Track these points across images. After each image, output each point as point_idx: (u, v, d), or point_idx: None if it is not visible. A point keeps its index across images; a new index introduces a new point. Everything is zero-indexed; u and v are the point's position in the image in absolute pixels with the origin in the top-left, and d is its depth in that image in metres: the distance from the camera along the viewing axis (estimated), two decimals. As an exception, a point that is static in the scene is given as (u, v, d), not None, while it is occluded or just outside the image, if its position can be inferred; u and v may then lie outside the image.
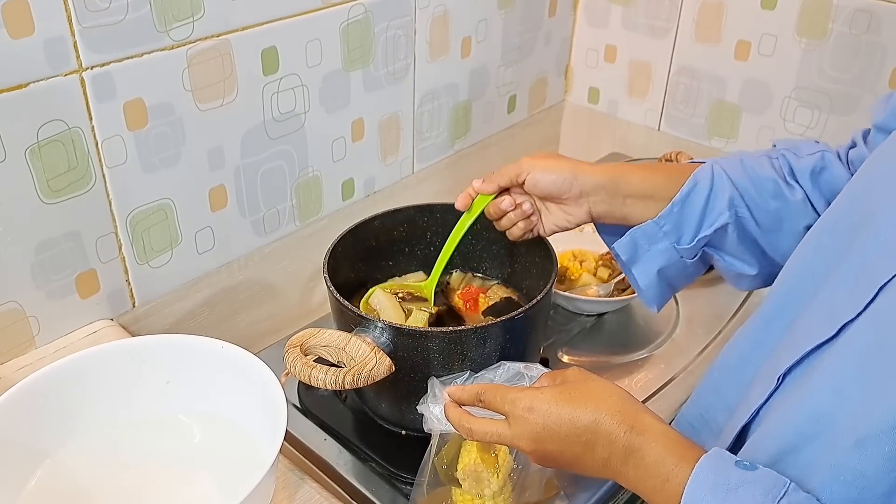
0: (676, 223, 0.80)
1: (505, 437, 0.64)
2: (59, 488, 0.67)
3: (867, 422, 0.50)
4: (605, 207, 0.81)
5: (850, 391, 0.52)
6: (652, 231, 0.80)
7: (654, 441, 0.58)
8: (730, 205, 0.78)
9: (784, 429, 0.56)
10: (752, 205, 0.79)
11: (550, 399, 0.62)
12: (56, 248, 0.82)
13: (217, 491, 0.69)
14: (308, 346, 0.75)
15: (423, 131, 1.21)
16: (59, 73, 0.76)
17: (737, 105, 1.28)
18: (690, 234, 0.80)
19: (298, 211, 1.07)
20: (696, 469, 0.55)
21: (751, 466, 0.54)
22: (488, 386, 0.67)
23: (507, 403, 0.64)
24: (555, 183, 0.81)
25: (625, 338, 1.07)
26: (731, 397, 0.69)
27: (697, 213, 0.79)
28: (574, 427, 0.61)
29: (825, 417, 0.53)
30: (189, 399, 0.74)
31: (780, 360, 0.61)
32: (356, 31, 1.02)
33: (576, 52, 1.46)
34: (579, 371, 0.66)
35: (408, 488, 0.83)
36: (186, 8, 0.83)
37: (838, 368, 0.54)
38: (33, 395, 0.68)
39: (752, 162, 0.80)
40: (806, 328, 0.60)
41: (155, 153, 0.86)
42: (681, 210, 0.79)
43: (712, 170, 0.80)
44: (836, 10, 1.12)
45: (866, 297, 0.54)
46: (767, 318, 0.69)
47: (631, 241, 0.82)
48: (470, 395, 0.68)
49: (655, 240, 0.81)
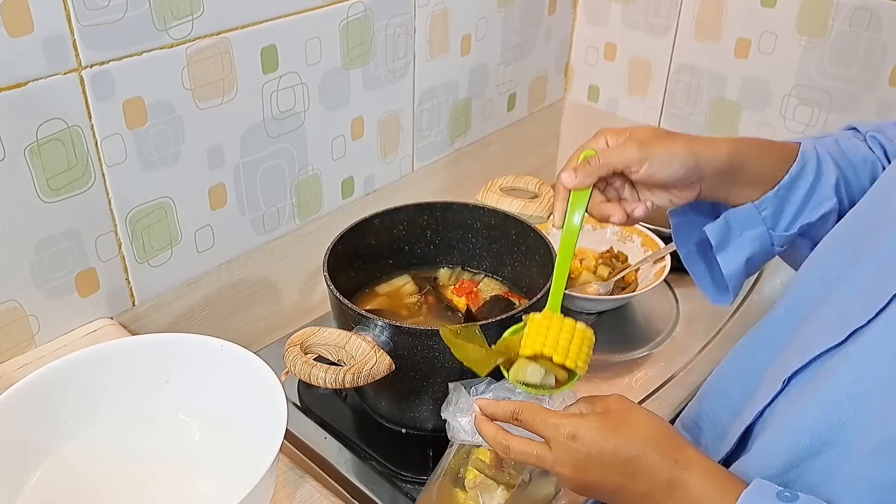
0: (777, 207, 0.73)
1: (545, 461, 0.62)
2: (59, 487, 0.67)
3: (884, 431, 0.50)
4: (715, 192, 0.73)
5: (868, 400, 0.52)
6: (750, 215, 0.73)
7: (697, 475, 0.57)
8: (836, 189, 0.73)
9: (799, 434, 0.55)
10: (851, 187, 0.74)
11: (595, 427, 0.60)
12: (55, 247, 0.82)
13: (217, 490, 0.69)
14: (308, 344, 0.75)
15: (423, 129, 1.21)
16: (58, 72, 0.76)
17: (736, 103, 1.28)
18: (789, 219, 0.73)
19: (298, 209, 1.06)
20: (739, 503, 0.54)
21: (792, 497, 0.53)
22: (525, 405, 0.64)
23: (549, 428, 0.62)
24: (677, 174, 0.70)
25: (625, 336, 1.07)
26: (737, 396, 0.69)
27: (801, 198, 0.72)
28: (617, 458, 0.59)
29: (843, 425, 0.53)
30: (189, 398, 0.74)
31: (787, 362, 0.61)
32: (356, 29, 1.02)
33: (575, 50, 1.46)
34: (621, 399, 0.64)
35: (408, 486, 0.83)
36: (186, 6, 0.82)
37: (857, 376, 0.53)
38: (33, 393, 0.67)
39: (848, 144, 0.76)
40: (815, 332, 0.60)
41: (154, 152, 0.86)
42: (786, 194, 0.72)
43: (816, 150, 0.73)
44: (837, 8, 1.12)
45: (878, 304, 0.54)
46: (776, 320, 0.69)
47: (724, 225, 0.74)
48: (505, 413, 0.65)
49: (752, 225, 0.73)
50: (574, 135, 1.52)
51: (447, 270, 1.02)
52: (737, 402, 0.68)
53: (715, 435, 0.70)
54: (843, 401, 0.53)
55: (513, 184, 0.99)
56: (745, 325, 1.07)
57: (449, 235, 1.00)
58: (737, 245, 0.75)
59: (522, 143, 1.44)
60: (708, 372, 0.99)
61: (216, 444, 0.73)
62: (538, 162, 1.51)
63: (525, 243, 0.95)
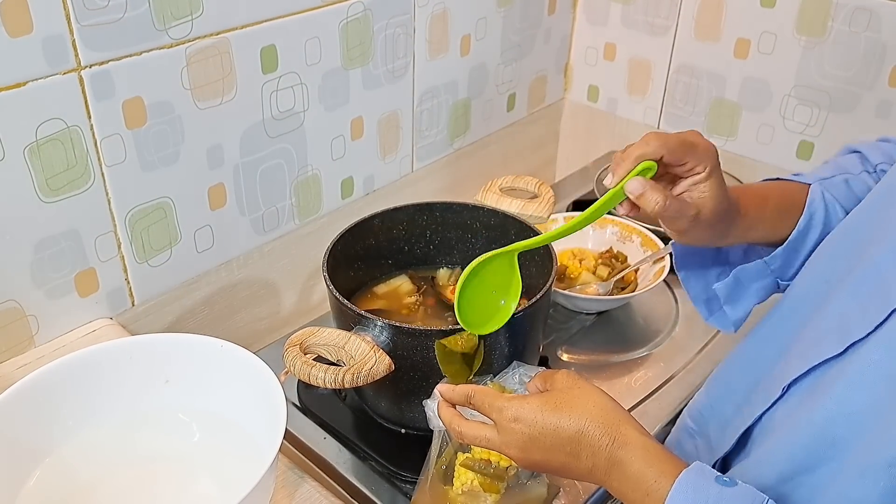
0: (786, 260, 0.75)
1: (493, 443, 0.64)
2: (58, 487, 0.67)
3: (873, 453, 0.50)
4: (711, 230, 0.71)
5: (861, 420, 0.52)
6: (759, 270, 0.75)
7: (634, 454, 0.58)
8: None
9: (794, 448, 0.56)
10: None
11: (535, 409, 0.62)
12: (55, 247, 0.82)
13: (217, 489, 0.69)
14: (307, 344, 0.75)
15: (423, 129, 1.21)
16: (57, 72, 0.76)
17: (736, 103, 1.28)
18: (797, 267, 0.75)
19: (298, 209, 1.06)
20: (675, 484, 0.55)
21: (730, 483, 0.54)
22: (478, 389, 0.67)
23: (495, 411, 0.64)
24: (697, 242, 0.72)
25: (624, 336, 1.07)
26: (740, 393, 0.70)
27: (809, 249, 0.74)
28: (558, 438, 0.60)
29: (836, 443, 0.53)
30: (188, 398, 0.74)
31: (787, 368, 0.61)
32: (355, 29, 1.02)
33: (575, 50, 1.46)
34: (567, 377, 0.65)
35: (407, 486, 0.83)
36: (185, 6, 0.82)
37: (851, 395, 0.53)
38: (33, 393, 0.67)
39: (858, 183, 0.75)
40: (815, 338, 0.60)
41: (154, 152, 0.86)
42: (793, 249, 0.74)
43: (825, 200, 0.74)
44: (836, 8, 1.12)
45: (878, 317, 0.54)
46: (778, 318, 0.69)
47: (734, 282, 0.76)
48: (460, 396, 0.68)
49: (761, 278, 0.76)
50: (574, 135, 1.52)
51: (446, 270, 1.02)
52: (740, 399, 0.69)
53: (718, 428, 0.71)
54: (837, 419, 0.54)
55: (512, 184, 0.99)
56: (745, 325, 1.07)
57: (448, 235, 1.00)
58: (747, 297, 0.77)
59: (522, 144, 1.44)
60: (708, 372, 0.99)
61: (216, 444, 0.73)
62: (538, 162, 1.51)
63: (525, 243, 0.95)
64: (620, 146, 1.54)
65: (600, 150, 1.48)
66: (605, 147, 1.48)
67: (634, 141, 0.68)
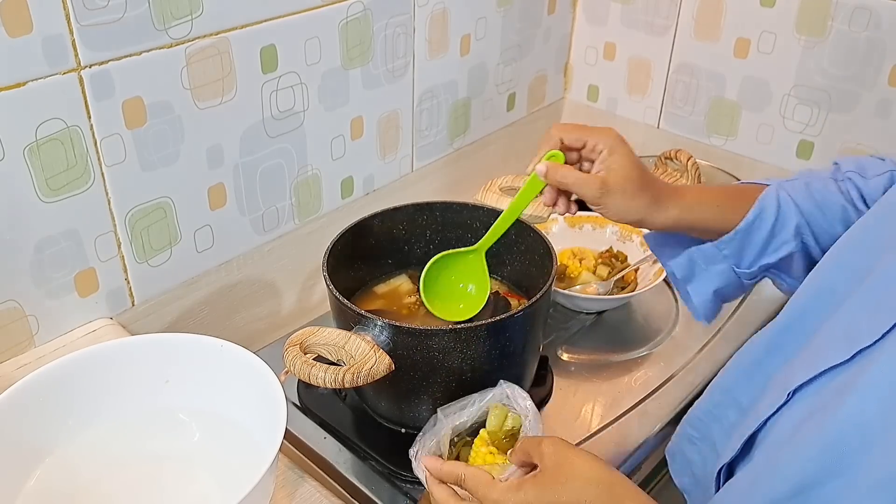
0: (738, 248, 0.78)
1: None
2: (58, 487, 0.67)
3: (885, 467, 0.50)
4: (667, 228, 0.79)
5: (872, 432, 0.52)
6: (711, 253, 0.79)
7: None
8: (796, 233, 0.77)
9: (805, 462, 0.55)
10: (818, 231, 0.77)
11: (532, 497, 0.60)
12: (55, 247, 0.82)
13: (217, 489, 0.69)
14: (307, 344, 0.75)
15: (423, 129, 1.21)
16: (57, 72, 0.76)
17: (736, 103, 1.28)
18: (751, 258, 0.78)
19: (298, 209, 1.06)
20: None
21: None
22: (469, 472, 0.64)
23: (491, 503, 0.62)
24: (627, 214, 0.77)
25: (624, 335, 1.07)
26: (743, 398, 0.69)
27: (761, 241, 0.77)
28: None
29: (847, 456, 0.52)
30: (188, 398, 0.74)
31: (793, 373, 0.61)
32: (355, 28, 1.02)
33: (575, 50, 1.46)
34: (554, 449, 0.62)
35: (407, 486, 0.83)
36: (185, 6, 0.82)
37: (863, 407, 0.53)
38: (33, 393, 0.67)
39: (819, 185, 0.78)
40: (822, 346, 0.60)
41: (154, 151, 0.86)
42: (744, 237, 0.77)
43: (778, 196, 0.77)
44: (836, 8, 1.12)
45: (885, 325, 0.54)
46: (783, 325, 0.69)
47: (688, 261, 0.80)
48: (450, 477, 0.66)
49: (714, 262, 0.79)
50: (573, 134, 1.52)
51: None
52: (743, 405, 0.69)
53: (722, 432, 0.71)
54: (849, 431, 0.53)
55: (512, 184, 0.99)
56: (744, 325, 1.07)
57: (448, 235, 1.00)
58: (704, 277, 0.80)
59: (522, 143, 1.44)
60: (708, 372, 1.00)
61: (216, 443, 0.73)
62: (538, 162, 1.51)
63: (525, 243, 0.95)
64: (620, 146, 1.53)
65: (600, 149, 1.48)
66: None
67: (635, 140, 0.71)
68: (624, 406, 0.94)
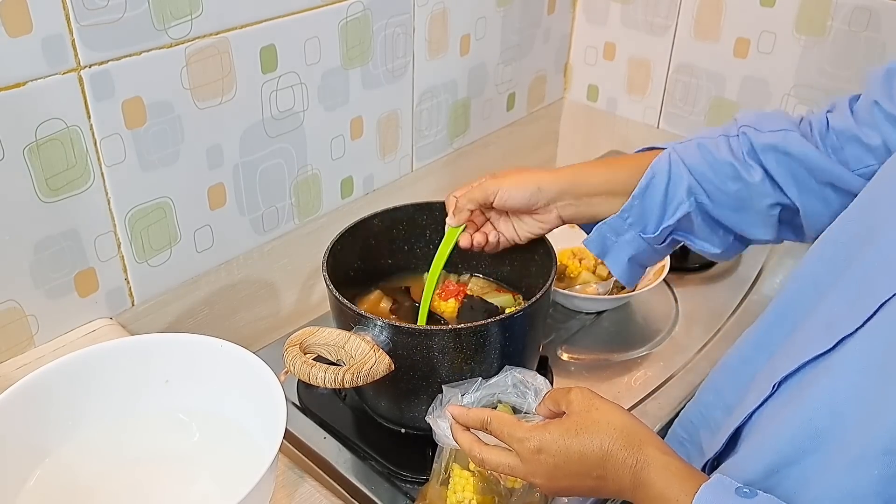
0: (639, 215, 0.82)
1: (518, 472, 0.65)
2: (58, 487, 0.67)
3: (860, 443, 0.50)
4: (573, 210, 0.85)
5: (846, 410, 0.53)
6: (617, 224, 0.84)
7: (657, 475, 0.59)
8: (689, 193, 0.80)
9: (780, 441, 0.56)
10: (710, 190, 0.80)
11: (558, 437, 0.62)
12: (55, 247, 0.82)
13: (217, 489, 0.69)
14: (307, 344, 0.75)
15: (422, 129, 1.21)
16: (57, 72, 0.76)
17: (736, 102, 1.28)
18: (654, 223, 0.83)
19: (297, 209, 1.06)
20: (695, 501, 0.55)
21: (751, 493, 0.54)
22: (495, 415, 0.67)
23: (516, 442, 0.64)
24: (523, 198, 0.83)
25: (624, 335, 1.07)
26: (730, 397, 0.70)
27: (658, 204, 0.81)
28: (583, 465, 0.61)
29: (822, 434, 0.53)
30: (188, 398, 0.74)
31: (777, 367, 0.62)
32: (355, 28, 1.02)
33: (575, 50, 1.46)
34: (583, 397, 0.65)
35: (407, 486, 0.83)
36: (185, 6, 0.82)
37: (835, 385, 0.54)
38: (32, 393, 0.67)
39: (709, 144, 0.81)
40: (805, 338, 0.61)
41: (154, 151, 0.86)
42: (641, 203, 0.82)
43: (669, 159, 0.81)
44: (836, 8, 1.12)
45: (865, 312, 0.54)
46: (769, 323, 0.69)
47: (599, 236, 0.85)
48: (476, 422, 0.68)
49: (621, 231, 0.84)
50: (573, 134, 1.52)
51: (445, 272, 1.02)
52: (730, 403, 0.69)
53: (709, 432, 0.71)
54: (822, 410, 0.54)
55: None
56: (744, 325, 1.07)
57: (448, 235, 0.99)
58: (616, 248, 0.86)
59: (521, 143, 1.44)
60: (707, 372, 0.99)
61: (216, 444, 0.73)
62: (537, 162, 1.51)
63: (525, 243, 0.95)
64: (620, 146, 1.56)
65: (600, 149, 1.48)
66: (604, 146, 1.48)
67: (634, 140, 0.72)
68: (624, 406, 0.94)
